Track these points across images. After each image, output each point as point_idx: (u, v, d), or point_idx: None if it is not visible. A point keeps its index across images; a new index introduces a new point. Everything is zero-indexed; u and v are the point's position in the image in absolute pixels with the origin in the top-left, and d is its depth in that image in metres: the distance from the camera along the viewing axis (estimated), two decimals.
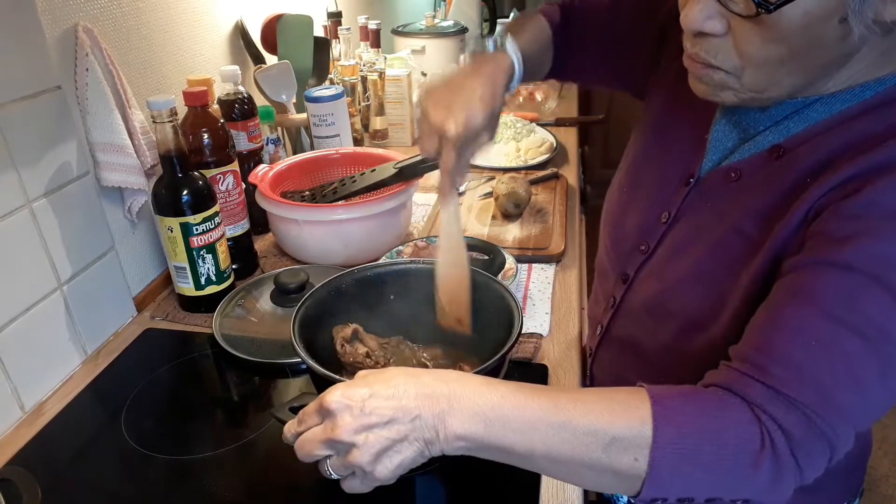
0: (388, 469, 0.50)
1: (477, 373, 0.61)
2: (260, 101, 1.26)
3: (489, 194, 1.26)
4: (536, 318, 0.92)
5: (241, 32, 1.30)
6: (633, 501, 0.82)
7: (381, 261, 0.99)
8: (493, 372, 0.64)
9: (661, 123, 0.76)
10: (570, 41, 0.87)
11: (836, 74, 0.56)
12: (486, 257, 0.95)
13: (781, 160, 0.59)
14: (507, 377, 0.79)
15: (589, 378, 0.85)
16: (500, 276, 0.97)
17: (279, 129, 1.31)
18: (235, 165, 1.01)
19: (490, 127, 0.69)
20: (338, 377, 0.62)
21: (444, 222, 0.71)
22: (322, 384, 0.65)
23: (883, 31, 0.50)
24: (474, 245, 0.98)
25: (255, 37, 1.34)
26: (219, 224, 0.92)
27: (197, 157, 0.95)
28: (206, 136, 0.95)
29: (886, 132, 0.52)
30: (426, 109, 0.68)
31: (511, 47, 0.74)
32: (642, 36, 0.80)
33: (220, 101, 1.06)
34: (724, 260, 0.61)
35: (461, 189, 0.71)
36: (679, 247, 0.67)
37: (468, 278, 0.71)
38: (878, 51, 0.54)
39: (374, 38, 1.55)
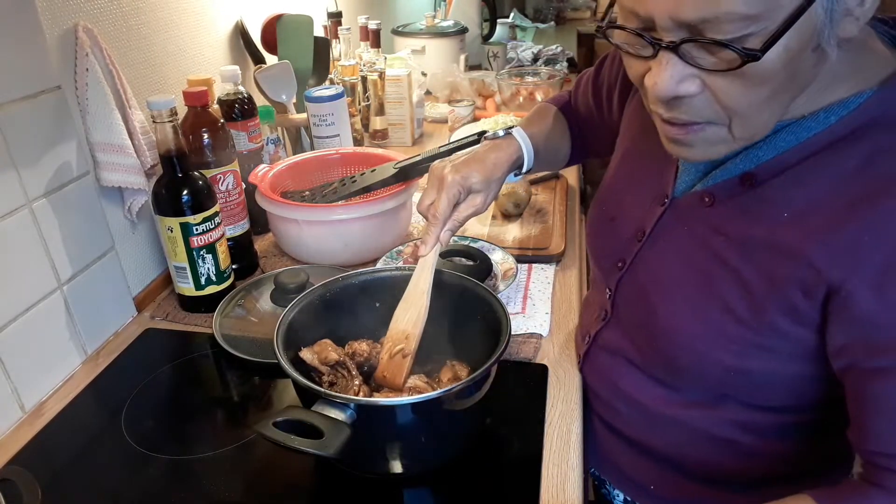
0: None
1: (464, 383, 0.62)
2: (260, 101, 1.26)
3: None
4: (536, 318, 0.92)
5: (241, 32, 1.30)
6: (629, 499, 0.82)
7: (378, 264, 1.00)
8: (482, 380, 0.65)
9: (637, 143, 0.76)
10: (578, 120, 0.95)
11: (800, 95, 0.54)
12: (472, 263, 0.95)
13: (756, 190, 0.59)
14: (507, 378, 0.79)
15: (581, 380, 0.84)
16: (498, 278, 0.97)
17: (279, 129, 1.32)
18: (235, 165, 1.01)
19: (485, 192, 0.75)
20: (320, 389, 0.62)
21: (415, 275, 0.73)
22: (304, 396, 0.65)
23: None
24: (461, 251, 0.98)
25: (255, 37, 1.34)
26: (219, 224, 0.92)
27: (197, 157, 0.95)
28: (206, 136, 0.95)
29: (861, 166, 0.52)
30: (434, 166, 0.75)
31: (518, 133, 0.82)
32: (620, 87, 0.83)
33: (220, 101, 1.06)
34: (710, 289, 0.61)
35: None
36: (660, 268, 0.67)
37: (417, 341, 0.70)
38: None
39: (374, 38, 1.55)
